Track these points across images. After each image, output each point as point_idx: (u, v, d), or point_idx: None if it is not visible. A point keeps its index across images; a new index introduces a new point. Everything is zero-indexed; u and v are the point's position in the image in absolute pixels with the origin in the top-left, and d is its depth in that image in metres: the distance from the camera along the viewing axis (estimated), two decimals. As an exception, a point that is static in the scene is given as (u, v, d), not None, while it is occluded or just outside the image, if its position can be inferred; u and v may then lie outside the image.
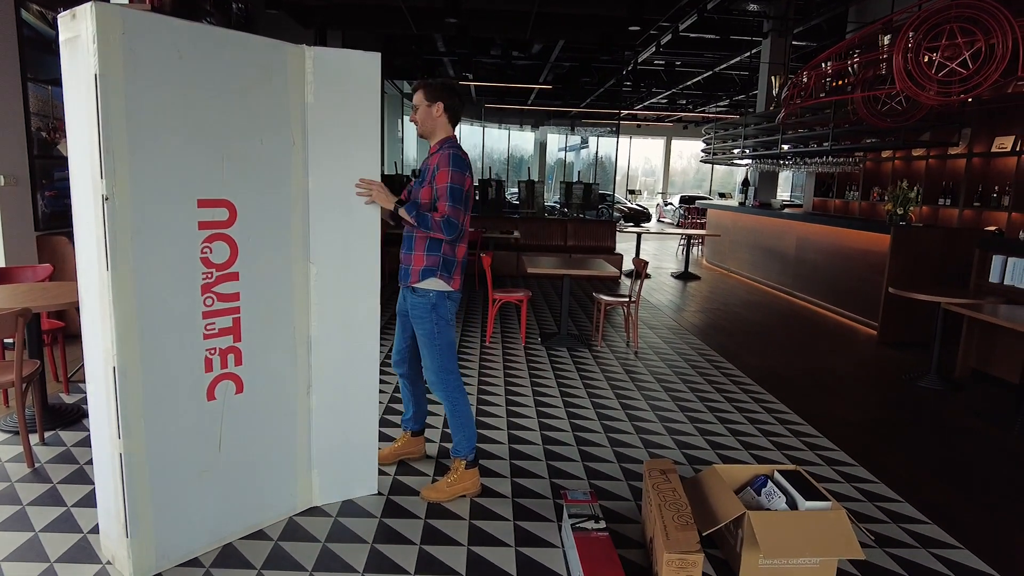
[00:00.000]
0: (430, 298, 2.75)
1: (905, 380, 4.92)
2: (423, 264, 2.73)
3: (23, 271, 3.96)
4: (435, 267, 2.73)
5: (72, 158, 2.12)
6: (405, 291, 2.84)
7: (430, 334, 2.77)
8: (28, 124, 4.77)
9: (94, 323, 2.10)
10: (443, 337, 2.79)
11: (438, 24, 10.99)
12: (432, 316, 2.75)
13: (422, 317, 2.76)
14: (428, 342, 2.79)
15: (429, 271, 2.73)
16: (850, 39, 6.67)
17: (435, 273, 2.73)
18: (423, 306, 2.75)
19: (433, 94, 2.74)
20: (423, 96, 2.74)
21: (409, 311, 2.82)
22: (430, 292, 2.74)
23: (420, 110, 2.75)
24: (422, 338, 2.80)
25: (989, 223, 7.18)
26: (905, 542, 2.64)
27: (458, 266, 2.79)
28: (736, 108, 20.48)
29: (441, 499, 2.81)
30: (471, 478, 2.87)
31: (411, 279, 2.76)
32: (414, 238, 2.76)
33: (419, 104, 2.75)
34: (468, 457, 2.86)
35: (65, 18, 2.01)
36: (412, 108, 2.80)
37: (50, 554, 2.32)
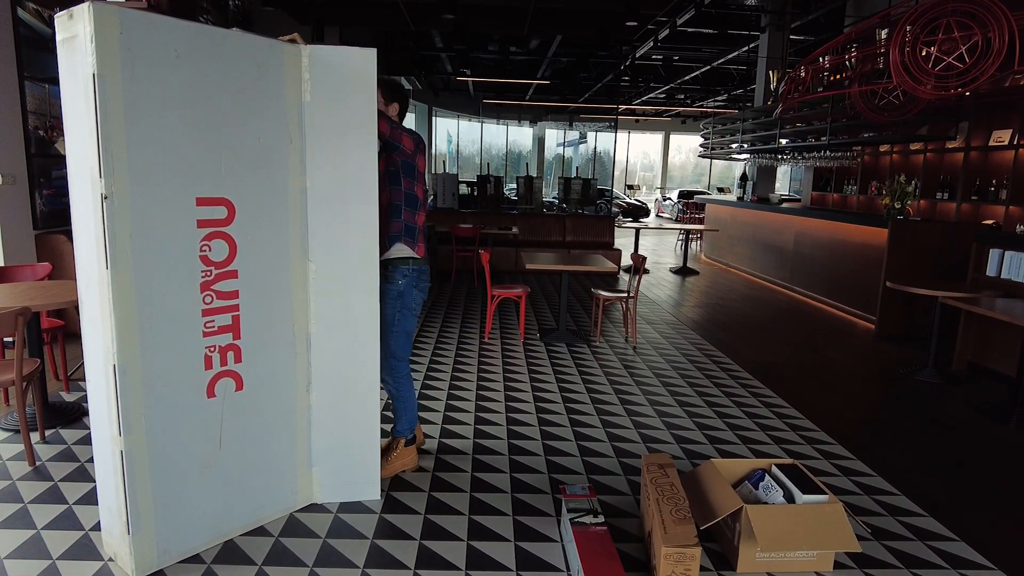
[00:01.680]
0: (398, 284, 2.88)
1: (902, 374, 4.94)
2: (388, 233, 2.84)
3: (22, 270, 3.96)
4: (399, 233, 2.86)
5: (70, 157, 2.12)
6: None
7: (390, 320, 2.91)
8: (25, 123, 4.77)
9: (94, 321, 2.11)
10: (402, 325, 2.93)
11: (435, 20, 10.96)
12: (396, 303, 2.90)
13: (387, 301, 2.87)
14: (387, 327, 2.90)
15: (394, 237, 2.86)
16: (847, 33, 6.67)
17: (400, 238, 2.86)
18: (390, 292, 2.88)
19: (392, 95, 2.90)
20: (380, 95, 2.81)
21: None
22: (399, 272, 2.87)
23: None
24: (382, 321, 2.83)
25: (987, 217, 7.19)
26: (901, 535, 2.66)
27: (419, 233, 2.93)
28: (734, 103, 20.46)
29: (385, 475, 2.97)
30: (410, 454, 3.12)
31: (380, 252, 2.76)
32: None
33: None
34: (408, 436, 3.10)
35: (62, 18, 2.01)
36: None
37: (52, 551, 2.33)
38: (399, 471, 3.07)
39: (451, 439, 3.43)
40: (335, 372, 2.66)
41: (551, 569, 2.34)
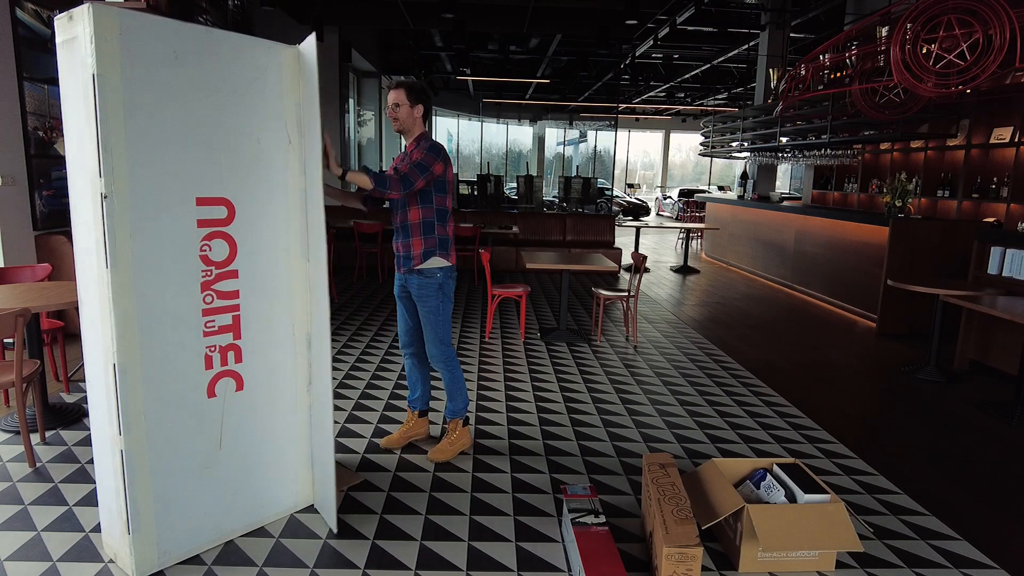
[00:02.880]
0: (438, 278, 3.05)
1: (904, 372, 4.93)
2: (422, 248, 3.01)
3: (22, 271, 3.96)
4: (434, 248, 3.03)
5: (70, 157, 2.12)
6: (408, 276, 3.07)
7: (435, 310, 3.06)
8: (25, 123, 4.76)
9: (94, 321, 2.11)
10: (445, 312, 3.10)
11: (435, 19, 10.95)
12: (438, 294, 3.06)
13: (429, 296, 3.04)
14: (432, 318, 3.07)
15: (429, 252, 3.02)
16: (848, 31, 6.66)
17: (435, 252, 3.03)
18: (431, 286, 3.04)
19: (416, 97, 2.98)
20: (406, 96, 2.95)
21: (415, 292, 3.07)
22: (437, 272, 3.04)
23: (403, 109, 2.95)
24: (427, 315, 3.07)
25: (988, 214, 7.18)
26: (904, 534, 2.65)
27: (451, 243, 3.12)
28: (734, 101, 20.45)
29: (448, 457, 3.15)
30: (467, 435, 3.26)
31: (414, 262, 3.02)
32: (409, 226, 3.01)
33: (401, 103, 2.95)
34: (463, 416, 3.25)
35: (62, 20, 2.01)
36: (390, 104, 2.97)
37: (52, 553, 2.33)
38: (459, 452, 3.20)
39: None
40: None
41: (552, 569, 2.33)
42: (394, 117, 2.97)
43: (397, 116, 2.96)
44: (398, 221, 3.05)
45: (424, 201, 2.99)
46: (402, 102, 2.94)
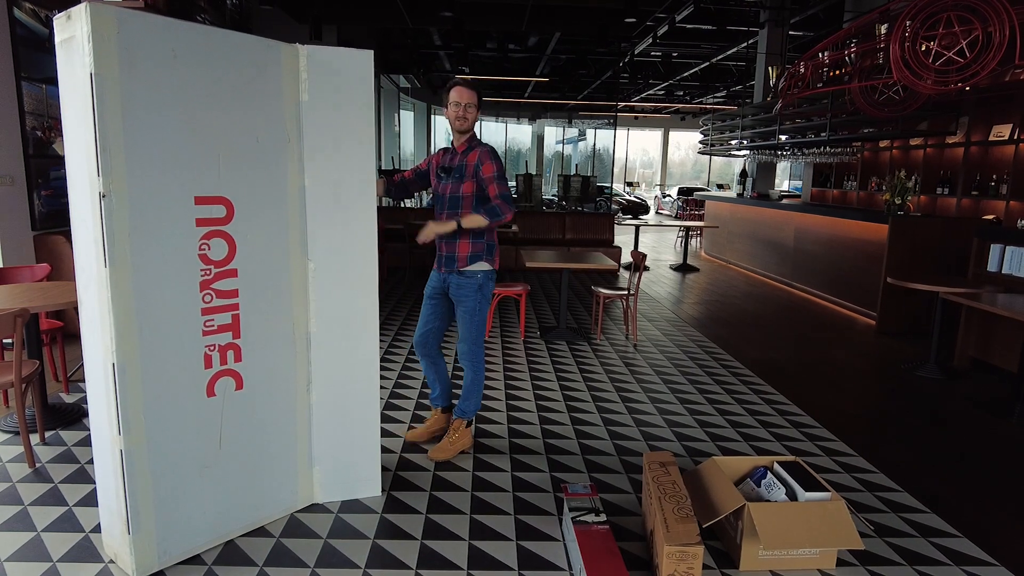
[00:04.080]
0: (478, 279, 3.10)
1: (904, 370, 4.93)
2: (469, 251, 3.08)
3: (21, 271, 3.95)
4: (481, 252, 3.10)
5: (69, 157, 2.12)
6: (448, 275, 3.13)
7: (471, 311, 3.13)
8: (23, 123, 4.75)
9: (93, 321, 2.10)
10: (482, 313, 3.17)
11: (434, 17, 10.94)
12: (478, 295, 3.12)
13: (468, 296, 3.11)
14: (468, 318, 3.13)
15: (476, 256, 3.09)
16: (847, 28, 6.65)
17: (482, 257, 3.11)
18: (471, 286, 3.10)
19: (480, 102, 3.07)
20: (477, 99, 3.04)
21: (453, 291, 3.14)
22: (478, 273, 3.10)
23: (472, 110, 3.03)
24: (465, 314, 3.13)
25: (987, 212, 7.18)
26: (904, 531, 2.65)
27: (497, 248, 3.21)
28: (733, 99, 20.44)
29: (448, 456, 3.16)
30: (468, 436, 3.27)
31: (459, 264, 3.08)
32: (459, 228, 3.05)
33: (471, 103, 3.02)
34: (471, 417, 3.27)
35: (60, 19, 2.01)
36: (462, 104, 3.00)
37: (52, 554, 2.32)
38: (459, 451, 3.21)
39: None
40: (335, 371, 2.65)
41: (553, 568, 2.33)
42: (464, 116, 3.00)
43: (467, 116, 3.00)
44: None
45: (479, 205, 3.04)
46: (473, 102, 3.00)
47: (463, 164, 3.05)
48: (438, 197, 3.15)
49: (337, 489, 2.75)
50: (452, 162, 3.10)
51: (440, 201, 3.13)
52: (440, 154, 3.21)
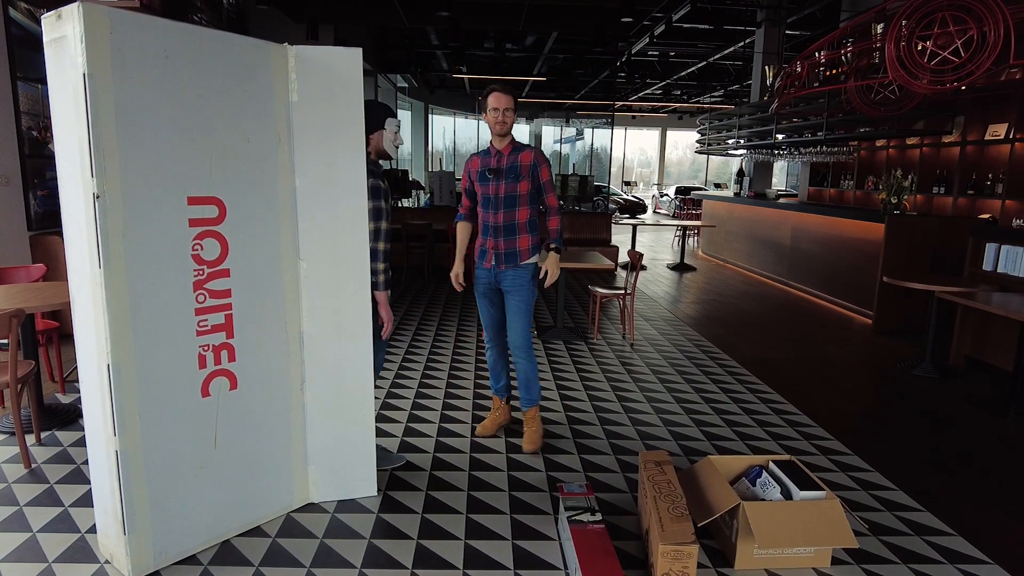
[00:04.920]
0: (532, 269, 3.28)
1: (900, 368, 4.94)
2: (529, 244, 3.26)
3: (16, 271, 3.95)
4: (537, 245, 3.30)
5: (59, 158, 2.11)
6: (503, 271, 3.26)
7: (527, 300, 3.29)
8: (18, 123, 4.74)
9: (86, 322, 2.10)
10: (533, 302, 3.32)
11: (430, 17, 10.92)
12: (531, 284, 3.28)
13: (524, 287, 3.26)
14: (525, 308, 3.28)
15: (534, 249, 3.28)
16: (843, 28, 6.66)
17: (537, 250, 3.30)
18: (527, 276, 3.27)
19: (517, 106, 3.17)
20: (514, 103, 3.14)
21: (508, 284, 3.27)
22: (532, 265, 3.28)
23: (510, 113, 3.14)
24: (520, 305, 3.27)
25: (983, 211, 7.19)
26: (899, 530, 2.66)
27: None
28: (731, 98, 20.45)
29: (537, 447, 3.30)
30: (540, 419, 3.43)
31: (520, 258, 3.24)
32: (516, 225, 3.23)
33: (508, 108, 3.13)
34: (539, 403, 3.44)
35: (50, 19, 2.00)
36: (501, 109, 3.11)
37: (48, 554, 2.32)
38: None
39: (448, 437, 3.43)
40: (329, 370, 2.65)
41: (549, 568, 2.34)
42: (503, 121, 3.12)
43: (507, 120, 3.12)
44: (500, 220, 3.22)
45: (533, 202, 3.26)
46: (511, 107, 3.12)
47: (516, 164, 3.19)
48: (487, 198, 3.24)
49: (333, 489, 2.75)
50: (500, 163, 3.20)
51: (492, 201, 3.23)
52: (476, 160, 3.32)
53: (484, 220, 3.29)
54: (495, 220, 3.24)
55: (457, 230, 3.49)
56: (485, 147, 3.31)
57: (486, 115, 3.19)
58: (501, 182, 3.20)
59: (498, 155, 3.23)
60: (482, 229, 3.32)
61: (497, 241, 3.25)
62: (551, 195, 3.27)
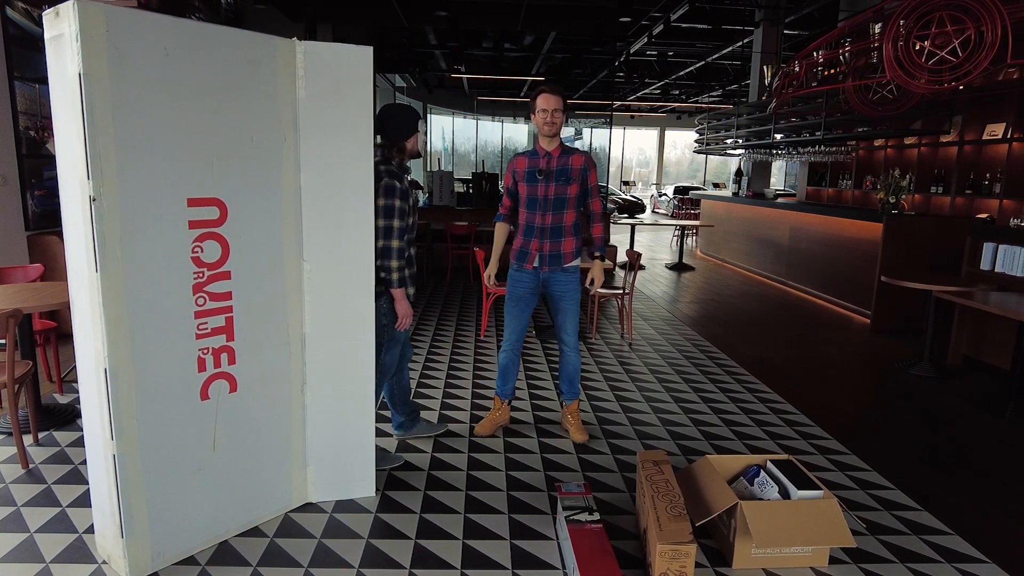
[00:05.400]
0: (578, 272, 3.33)
1: (898, 368, 4.95)
2: (574, 247, 3.30)
3: (14, 271, 3.94)
4: (580, 248, 3.34)
5: (59, 158, 2.10)
6: (550, 274, 3.30)
7: (577, 301, 3.35)
8: (16, 123, 4.73)
9: (85, 325, 2.10)
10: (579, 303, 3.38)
11: (429, 16, 10.92)
12: (579, 286, 3.34)
13: (575, 289, 3.32)
14: (574, 308, 3.35)
15: (578, 251, 3.32)
16: (841, 28, 6.67)
17: (581, 252, 3.36)
18: (575, 280, 3.32)
19: (566, 106, 3.16)
20: (563, 104, 3.13)
21: (556, 287, 3.31)
22: (578, 269, 3.32)
23: (559, 114, 3.13)
24: (570, 307, 3.33)
25: (981, 210, 7.20)
26: (896, 529, 2.66)
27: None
28: (729, 98, 20.46)
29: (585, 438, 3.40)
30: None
31: (564, 260, 3.28)
32: (563, 227, 3.26)
33: (557, 108, 3.12)
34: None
35: (49, 16, 1.98)
36: (549, 110, 3.10)
37: (45, 555, 2.32)
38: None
39: (447, 437, 3.43)
40: (330, 372, 2.64)
41: (547, 567, 2.34)
42: (553, 122, 3.12)
43: (555, 120, 3.12)
44: (548, 222, 3.23)
45: (579, 204, 3.29)
46: (560, 107, 3.11)
47: (567, 167, 3.19)
48: (534, 199, 3.23)
49: (331, 489, 2.75)
50: (550, 165, 3.20)
51: (539, 203, 3.23)
52: (523, 160, 3.27)
53: (528, 221, 3.27)
54: (542, 221, 3.24)
55: (496, 230, 3.48)
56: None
57: (534, 116, 3.17)
58: (551, 184, 3.19)
59: (547, 156, 3.21)
60: (524, 230, 3.30)
61: (543, 243, 3.25)
62: (597, 200, 3.30)
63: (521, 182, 3.27)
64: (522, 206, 3.31)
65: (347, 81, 2.45)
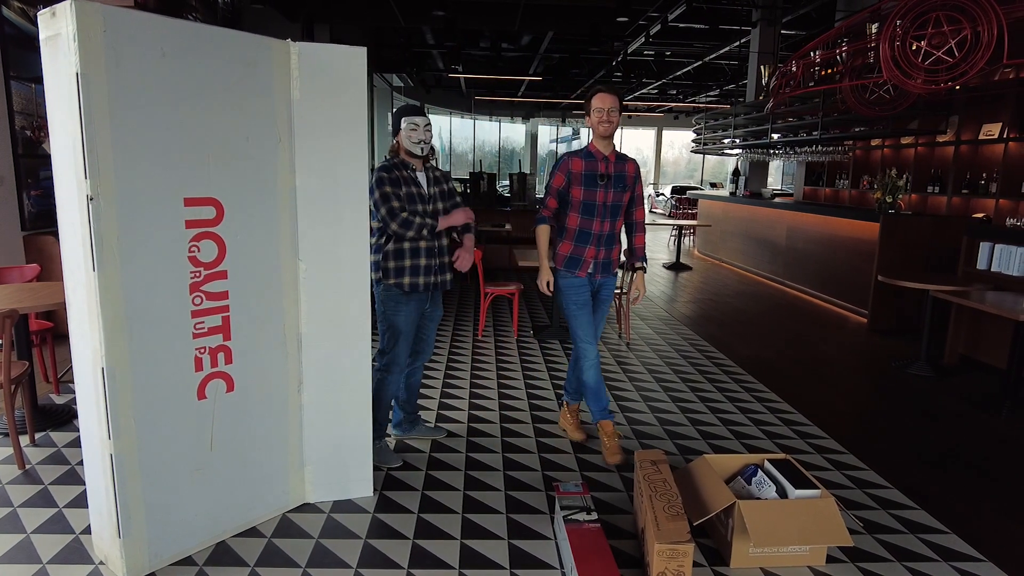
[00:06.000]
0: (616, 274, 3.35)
1: (895, 367, 4.96)
2: (618, 253, 3.30)
3: (10, 271, 3.93)
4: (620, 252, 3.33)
5: (55, 158, 2.10)
6: (602, 280, 3.26)
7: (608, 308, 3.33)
8: (12, 123, 4.72)
9: (81, 324, 2.09)
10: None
11: (426, 16, 10.92)
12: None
13: (611, 295, 3.32)
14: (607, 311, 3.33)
15: (619, 257, 3.32)
16: (838, 27, 6.68)
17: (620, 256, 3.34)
18: (614, 284, 3.34)
19: (622, 107, 3.07)
20: (619, 103, 3.03)
21: (606, 292, 3.30)
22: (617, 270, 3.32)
23: (615, 114, 3.03)
24: (607, 310, 3.33)
25: (977, 210, 7.22)
26: (893, 528, 2.67)
27: None
28: (726, 98, 20.47)
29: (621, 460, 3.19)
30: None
31: (614, 267, 3.28)
32: (615, 235, 3.23)
33: (614, 108, 3.02)
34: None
35: (45, 15, 1.98)
36: (606, 109, 3.00)
37: (42, 555, 2.31)
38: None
39: (445, 437, 3.43)
40: (327, 371, 2.64)
41: (545, 567, 2.34)
42: (609, 121, 3.01)
43: (612, 120, 3.01)
44: (606, 229, 3.17)
45: (628, 212, 3.28)
46: (616, 107, 3.01)
47: (624, 174, 3.14)
48: (592, 204, 3.11)
49: (329, 489, 2.75)
50: (608, 170, 3.10)
51: (597, 209, 3.13)
52: (579, 162, 3.10)
53: (582, 227, 3.14)
54: (600, 228, 3.14)
55: (541, 233, 3.23)
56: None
57: (588, 117, 3.07)
58: (611, 190, 3.10)
59: (605, 161, 3.10)
60: (578, 236, 3.16)
61: (599, 250, 3.18)
62: (641, 209, 3.28)
63: (576, 185, 3.10)
64: (573, 210, 3.15)
65: (341, 82, 2.45)
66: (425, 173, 2.99)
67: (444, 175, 3.12)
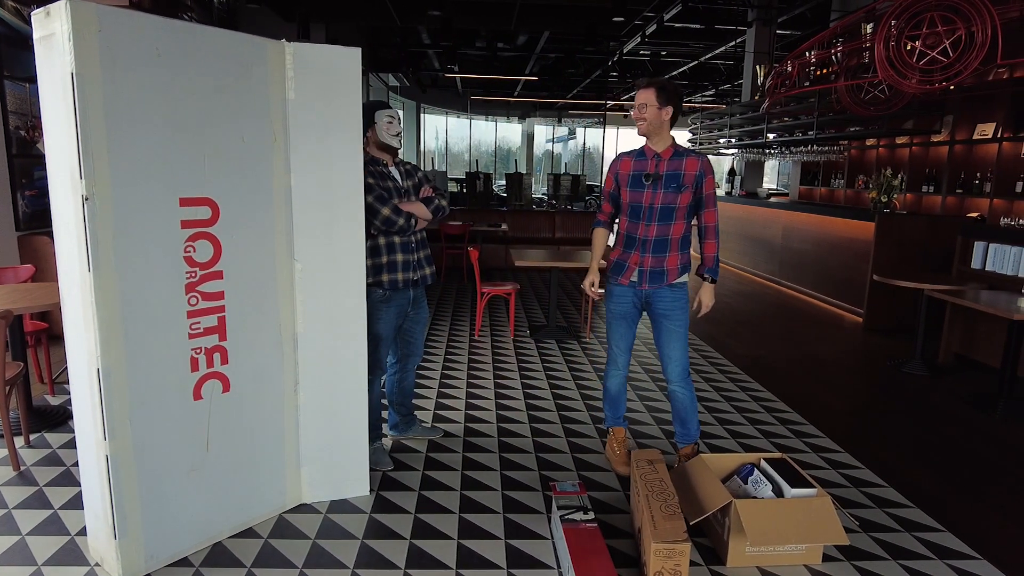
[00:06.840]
0: (687, 291, 2.95)
1: (890, 366, 4.98)
2: (678, 263, 2.93)
3: (4, 272, 3.91)
4: (688, 264, 2.95)
5: (50, 158, 2.09)
6: (654, 291, 2.93)
7: (686, 324, 2.95)
8: (6, 123, 4.70)
9: (76, 325, 2.08)
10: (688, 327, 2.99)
11: (422, 16, 10.91)
12: (688, 308, 2.95)
13: (682, 310, 2.94)
14: (683, 333, 2.95)
15: (685, 268, 2.94)
16: (833, 28, 6.70)
17: (688, 268, 2.95)
18: (683, 297, 2.95)
19: (666, 97, 2.78)
20: (655, 96, 2.76)
21: (663, 307, 2.94)
22: (685, 285, 2.96)
23: (650, 110, 2.77)
24: (680, 329, 2.93)
25: (971, 209, 7.25)
26: (889, 526, 2.68)
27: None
28: (722, 98, 20.50)
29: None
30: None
31: (668, 278, 2.91)
32: (668, 241, 2.89)
33: (648, 103, 2.77)
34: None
35: (39, 15, 1.98)
36: (636, 104, 2.81)
37: (38, 557, 2.30)
38: None
39: (441, 437, 3.43)
40: (323, 371, 2.64)
41: (542, 567, 2.34)
42: (641, 118, 2.80)
43: (644, 117, 2.78)
44: (652, 234, 2.86)
45: (690, 215, 2.90)
46: (650, 102, 2.76)
47: (679, 172, 2.81)
48: (637, 207, 2.87)
49: (325, 489, 2.75)
50: (659, 168, 2.83)
51: (643, 211, 2.86)
52: (627, 161, 2.91)
53: (628, 231, 2.92)
54: (645, 233, 2.86)
55: (594, 236, 3.09)
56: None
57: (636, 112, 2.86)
58: (659, 191, 2.81)
59: (656, 158, 2.84)
60: (624, 240, 2.95)
61: (644, 257, 2.88)
62: (712, 211, 2.88)
63: (624, 187, 2.90)
64: (623, 213, 2.95)
65: (336, 82, 2.45)
66: (396, 167, 2.97)
67: (414, 167, 3.09)
